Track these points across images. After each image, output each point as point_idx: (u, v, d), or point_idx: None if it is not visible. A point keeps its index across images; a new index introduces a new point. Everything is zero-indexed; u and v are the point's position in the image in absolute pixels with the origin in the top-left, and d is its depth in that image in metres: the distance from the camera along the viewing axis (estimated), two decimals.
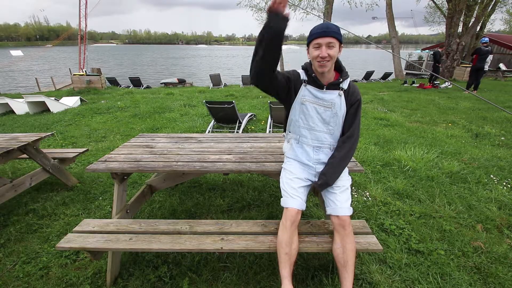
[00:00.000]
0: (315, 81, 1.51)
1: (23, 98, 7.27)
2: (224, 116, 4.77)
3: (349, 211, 1.48)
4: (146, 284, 1.68)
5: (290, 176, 1.60)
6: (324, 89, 1.51)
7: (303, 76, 1.55)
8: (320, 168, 1.59)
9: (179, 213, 2.42)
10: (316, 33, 1.38)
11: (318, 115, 1.54)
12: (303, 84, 1.54)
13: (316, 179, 1.59)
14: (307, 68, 1.54)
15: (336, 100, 1.51)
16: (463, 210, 2.39)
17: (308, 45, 1.46)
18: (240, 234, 1.59)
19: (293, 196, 1.52)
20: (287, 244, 1.42)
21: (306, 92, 1.53)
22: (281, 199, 1.57)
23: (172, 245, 1.50)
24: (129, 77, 14.11)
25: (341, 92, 1.51)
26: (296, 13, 14.09)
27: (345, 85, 1.51)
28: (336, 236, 1.47)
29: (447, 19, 12.16)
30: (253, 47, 1.30)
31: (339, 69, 1.54)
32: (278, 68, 1.38)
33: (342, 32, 1.44)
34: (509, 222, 2.23)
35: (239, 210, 2.45)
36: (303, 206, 1.51)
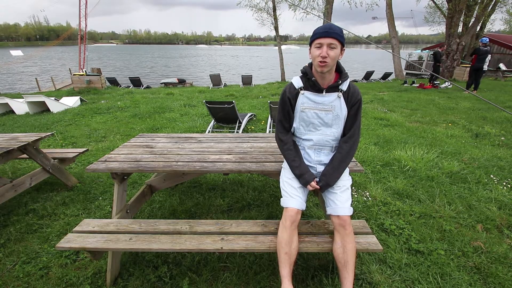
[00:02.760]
0: (314, 85, 1.49)
1: (23, 98, 7.27)
2: (224, 116, 4.77)
3: (349, 211, 1.48)
4: (146, 284, 1.68)
5: (290, 176, 1.61)
6: (324, 93, 1.49)
7: (298, 84, 1.54)
8: (321, 168, 1.59)
9: (179, 213, 2.42)
10: (319, 33, 1.38)
11: (319, 119, 1.53)
12: (300, 92, 1.53)
13: (317, 179, 1.58)
14: (306, 71, 1.51)
15: (336, 102, 1.49)
16: (463, 210, 2.39)
17: (310, 44, 1.46)
18: (240, 234, 1.59)
19: (293, 196, 1.52)
20: (287, 244, 1.42)
21: (304, 100, 1.52)
22: (281, 199, 1.57)
23: (172, 245, 1.50)
24: (129, 77, 14.12)
25: (340, 94, 1.49)
26: (296, 13, 14.11)
27: (344, 86, 1.50)
28: (336, 236, 1.47)
29: (447, 19, 12.16)
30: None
31: (338, 70, 1.53)
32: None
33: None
34: (509, 222, 2.23)
35: (239, 210, 2.45)
36: (303, 206, 1.51)
